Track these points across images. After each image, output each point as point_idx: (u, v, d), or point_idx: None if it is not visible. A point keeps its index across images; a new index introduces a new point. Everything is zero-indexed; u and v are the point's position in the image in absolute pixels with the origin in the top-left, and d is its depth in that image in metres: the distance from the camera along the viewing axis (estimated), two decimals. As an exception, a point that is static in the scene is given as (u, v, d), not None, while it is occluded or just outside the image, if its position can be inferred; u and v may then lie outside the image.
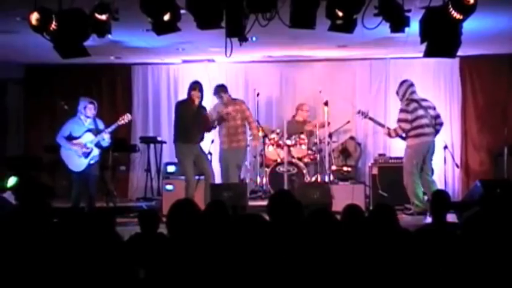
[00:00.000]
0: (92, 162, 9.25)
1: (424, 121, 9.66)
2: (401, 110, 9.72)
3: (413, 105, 9.69)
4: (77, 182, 9.28)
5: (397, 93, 9.93)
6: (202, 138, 9.64)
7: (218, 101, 10.25)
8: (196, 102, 9.37)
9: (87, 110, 9.29)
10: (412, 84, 9.86)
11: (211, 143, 10.68)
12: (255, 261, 3.87)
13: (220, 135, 10.21)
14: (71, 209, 8.52)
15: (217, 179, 10.80)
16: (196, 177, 9.54)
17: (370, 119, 10.39)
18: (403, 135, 9.80)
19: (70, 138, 9.20)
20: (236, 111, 10.13)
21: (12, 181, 9.27)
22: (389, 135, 9.98)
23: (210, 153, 10.50)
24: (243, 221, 4.15)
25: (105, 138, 9.33)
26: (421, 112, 9.68)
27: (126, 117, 9.77)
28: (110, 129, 9.41)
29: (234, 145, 10.09)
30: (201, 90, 9.47)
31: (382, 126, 10.22)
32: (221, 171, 10.31)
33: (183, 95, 10.00)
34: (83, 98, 9.48)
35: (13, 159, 11.65)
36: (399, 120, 9.72)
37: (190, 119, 9.35)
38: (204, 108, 9.69)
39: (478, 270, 4.00)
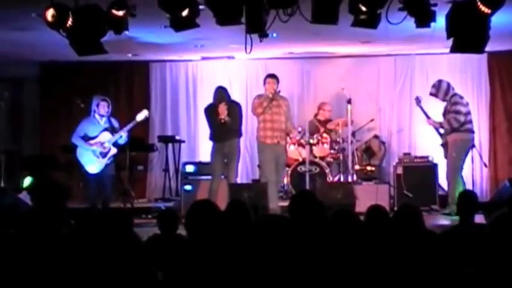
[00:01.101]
0: (107, 162, 9.19)
1: (471, 117, 9.73)
2: (456, 103, 9.59)
3: (466, 99, 9.74)
4: (92, 182, 9.22)
5: (435, 94, 9.77)
6: (236, 135, 9.46)
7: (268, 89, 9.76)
8: (223, 113, 9.20)
9: (100, 108, 9.20)
10: (449, 82, 9.82)
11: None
12: (275, 262, 3.86)
13: (260, 129, 9.64)
14: (87, 209, 8.48)
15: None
16: (222, 176, 9.44)
17: (421, 108, 10.22)
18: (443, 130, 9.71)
19: (86, 138, 9.14)
20: (280, 106, 9.66)
21: (27, 181, 9.25)
22: (440, 126, 9.79)
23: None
24: (264, 222, 4.14)
25: (123, 136, 9.26)
26: (469, 107, 9.73)
27: (144, 113, 9.60)
28: (127, 128, 9.32)
29: (268, 141, 9.53)
30: (227, 98, 9.38)
31: (428, 117, 10.08)
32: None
33: (201, 93, 9.89)
34: (96, 96, 9.41)
35: (29, 159, 11.68)
36: (455, 112, 9.56)
37: (219, 124, 9.29)
38: (237, 105, 9.50)
39: (506, 272, 3.91)
